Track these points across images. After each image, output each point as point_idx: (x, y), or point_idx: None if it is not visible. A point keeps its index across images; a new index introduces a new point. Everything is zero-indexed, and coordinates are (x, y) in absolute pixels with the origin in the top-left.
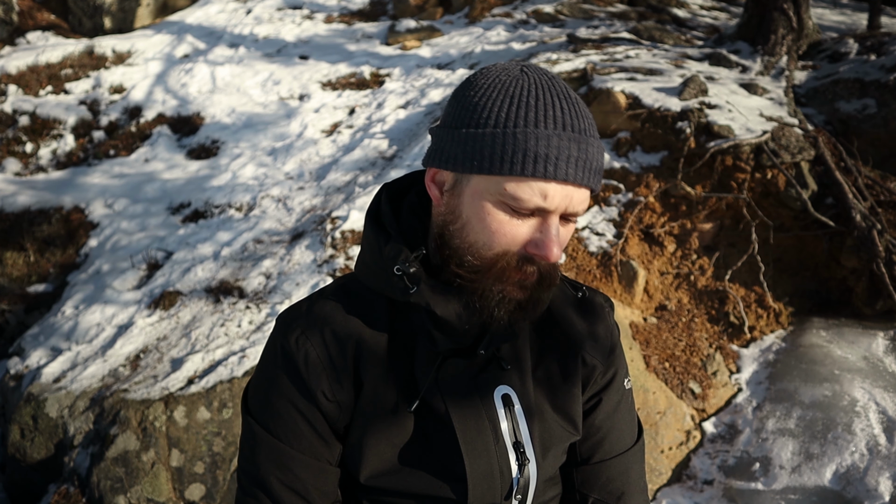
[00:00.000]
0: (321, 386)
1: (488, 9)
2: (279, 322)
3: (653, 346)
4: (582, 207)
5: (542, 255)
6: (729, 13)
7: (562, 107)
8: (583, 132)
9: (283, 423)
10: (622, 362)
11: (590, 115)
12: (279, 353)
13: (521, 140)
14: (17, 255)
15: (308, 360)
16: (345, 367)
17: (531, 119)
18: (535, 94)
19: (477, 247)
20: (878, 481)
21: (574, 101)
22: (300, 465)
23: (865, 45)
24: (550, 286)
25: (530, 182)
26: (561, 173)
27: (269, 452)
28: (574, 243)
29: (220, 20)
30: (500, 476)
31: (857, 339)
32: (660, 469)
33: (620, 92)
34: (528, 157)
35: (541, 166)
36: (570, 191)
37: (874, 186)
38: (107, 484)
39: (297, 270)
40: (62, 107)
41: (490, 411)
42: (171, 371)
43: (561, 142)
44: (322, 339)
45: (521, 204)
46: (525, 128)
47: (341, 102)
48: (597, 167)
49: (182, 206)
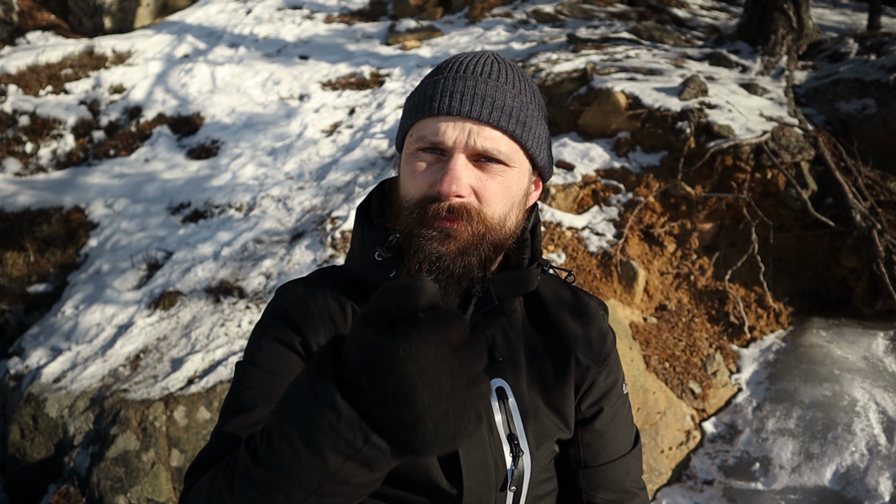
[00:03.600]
0: (318, 337)
1: (488, 9)
2: (280, 289)
3: (653, 346)
4: (492, 146)
5: (439, 189)
6: (729, 13)
7: (483, 64)
8: (491, 77)
9: (275, 358)
10: (620, 369)
11: (524, 81)
12: (279, 309)
13: (427, 89)
14: (17, 255)
15: (308, 312)
16: (343, 325)
17: (443, 74)
18: (462, 60)
19: (405, 199)
20: (878, 481)
21: (507, 65)
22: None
23: (865, 45)
24: (474, 241)
25: (428, 121)
26: (452, 108)
27: (255, 383)
28: (574, 243)
29: (220, 20)
30: (495, 468)
31: (857, 339)
32: (660, 469)
33: (620, 92)
34: (425, 101)
35: (435, 104)
36: (466, 125)
37: (874, 186)
38: (107, 484)
39: (298, 270)
40: (62, 107)
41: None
42: (171, 371)
43: (456, 83)
44: (324, 297)
45: (423, 144)
46: (434, 79)
47: (341, 102)
48: (500, 105)
49: (182, 206)
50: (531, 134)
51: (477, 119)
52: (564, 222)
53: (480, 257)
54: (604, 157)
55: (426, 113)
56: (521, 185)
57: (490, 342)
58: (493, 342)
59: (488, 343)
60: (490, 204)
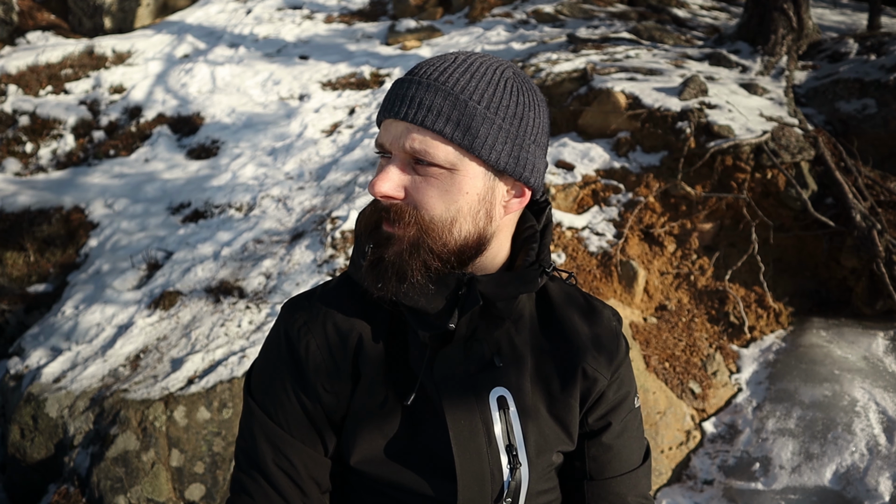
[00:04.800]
0: (320, 378)
1: (488, 9)
2: (284, 309)
3: (653, 346)
4: (421, 147)
5: (369, 189)
6: (729, 13)
7: (439, 66)
8: (432, 78)
9: (282, 409)
10: (633, 382)
11: (486, 83)
12: (283, 341)
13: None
14: (17, 255)
15: (309, 350)
16: (344, 360)
17: (400, 78)
18: (421, 64)
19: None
20: (878, 481)
21: (463, 69)
22: (295, 451)
23: (865, 45)
24: (409, 246)
25: (383, 124)
26: (392, 110)
27: (267, 435)
28: (574, 243)
29: (220, 20)
30: (491, 478)
31: (857, 339)
32: (660, 469)
33: (620, 92)
34: (382, 104)
35: (382, 107)
36: (399, 128)
37: (874, 186)
38: (107, 484)
39: (298, 270)
40: (62, 107)
41: (484, 413)
42: (171, 371)
43: (402, 86)
44: (324, 330)
45: (377, 148)
46: (393, 84)
47: (341, 102)
48: (429, 105)
49: (182, 206)
50: (475, 136)
51: (411, 121)
52: (564, 222)
53: (424, 262)
54: (604, 157)
55: (380, 116)
56: (471, 189)
57: (495, 347)
58: (497, 348)
59: (492, 348)
60: (425, 207)
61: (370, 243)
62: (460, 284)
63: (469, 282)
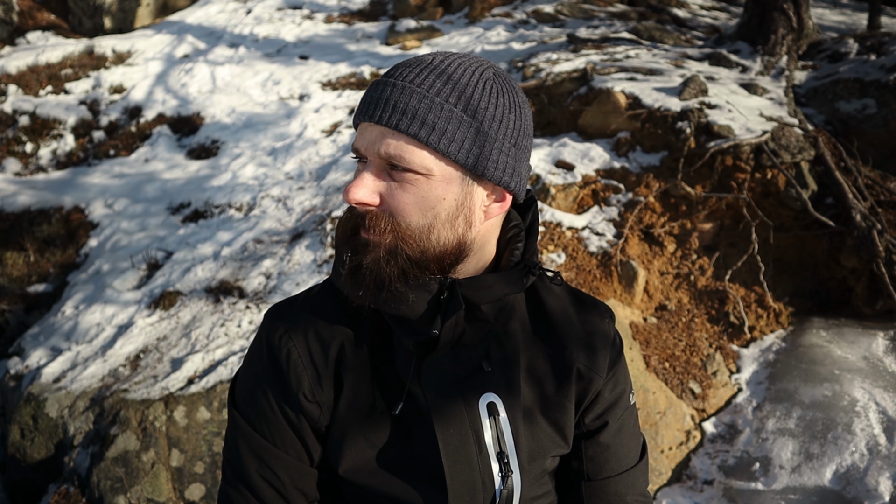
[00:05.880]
0: (302, 387)
1: (488, 9)
2: (266, 317)
3: (653, 346)
4: (394, 151)
5: (344, 197)
6: (729, 13)
7: (415, 67)
8: (407, 82)
9: (266, 420)
10: (628, 379)
11: (458, 85)
12: (264, 350)
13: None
14: (17, 255)
15: (290, 360)
16: (326, 369)
17: (376, 80)
18: (397, 64)
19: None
20: (878, 481)
21: (440, 70)
22: (280, 463)
23: (865, 45)
24: (386, 253)
25: (359, 127)
26: (366, 113)
27: (251, 447)
28: (574, 243)
29: (220, 20)
30: (483, 487)
31: (857, 339)
32: (660, 469)
33: (620, 92)
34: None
35: (356, 112)
36: (374, 132)
37: (874, 186)
38: (107, 484)
39: (297, 270)
40: (62, 107)
41: (474, 420)
42: (171, 371)
43: (377, 89)
44: (305, 339)
45: (353, 153)
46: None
47: (341, 102)
48: (404, 108)
49: (182, 206)
50: (451, 140)
51: (385, 125)
52: (564, 222)
53: (402, 269)
54: (604, 157)
55: (355, 119)
56: (448, 195)
57: (483, 352)
58: (486, 352)
59: (480, 353)
60: (401, 214)
61: (348, 250)
62: (442, 289)
63: (451, 286)
